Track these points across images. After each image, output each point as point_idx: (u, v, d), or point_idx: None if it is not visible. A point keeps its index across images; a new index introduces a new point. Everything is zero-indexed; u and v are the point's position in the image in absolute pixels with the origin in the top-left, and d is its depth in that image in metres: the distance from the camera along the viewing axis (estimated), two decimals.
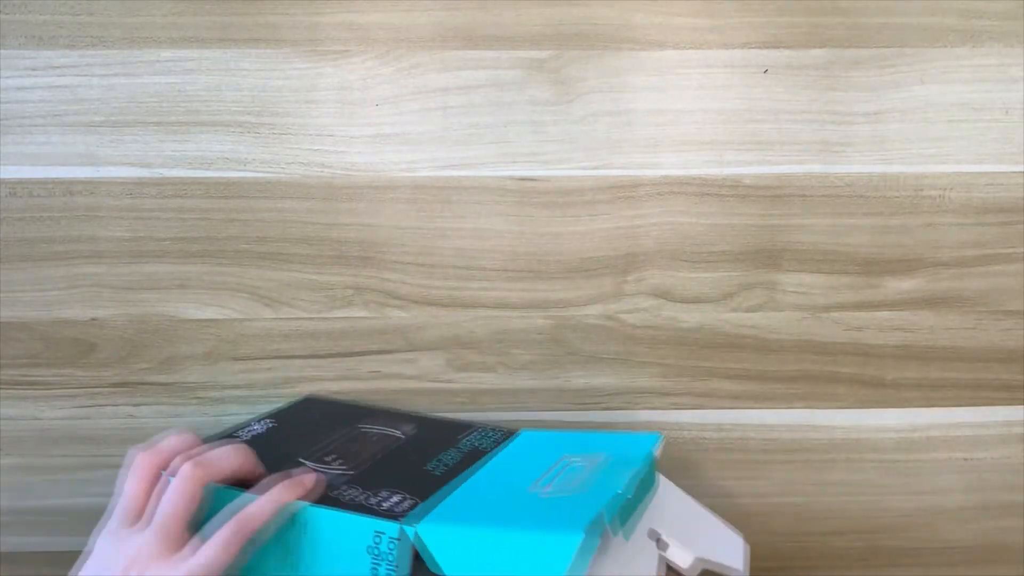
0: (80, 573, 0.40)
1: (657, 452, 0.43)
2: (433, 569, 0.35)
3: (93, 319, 0.51)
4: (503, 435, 0.45)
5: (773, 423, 0.54)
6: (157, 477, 0.40)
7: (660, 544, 0.42)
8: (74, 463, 0.53)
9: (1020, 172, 0.49)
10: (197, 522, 0.37)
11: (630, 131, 0.49)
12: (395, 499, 0.37)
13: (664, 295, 0.51)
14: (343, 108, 0.48)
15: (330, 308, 0.51)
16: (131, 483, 0.40)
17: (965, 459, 0.55)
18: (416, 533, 0.34)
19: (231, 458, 0.39)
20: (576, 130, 0.49)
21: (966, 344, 0.52)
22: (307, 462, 0.41)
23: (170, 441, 0.40)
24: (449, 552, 0.34)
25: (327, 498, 0.37)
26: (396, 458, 0.42)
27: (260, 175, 0.49)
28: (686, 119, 0.49)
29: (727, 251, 0.51)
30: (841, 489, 0.55)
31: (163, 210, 0.49)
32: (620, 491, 0.37)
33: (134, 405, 0.53)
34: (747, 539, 0.58)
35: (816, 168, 0.49)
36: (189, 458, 0.38)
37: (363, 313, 0.51)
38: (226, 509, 0.37)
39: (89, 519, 0.54)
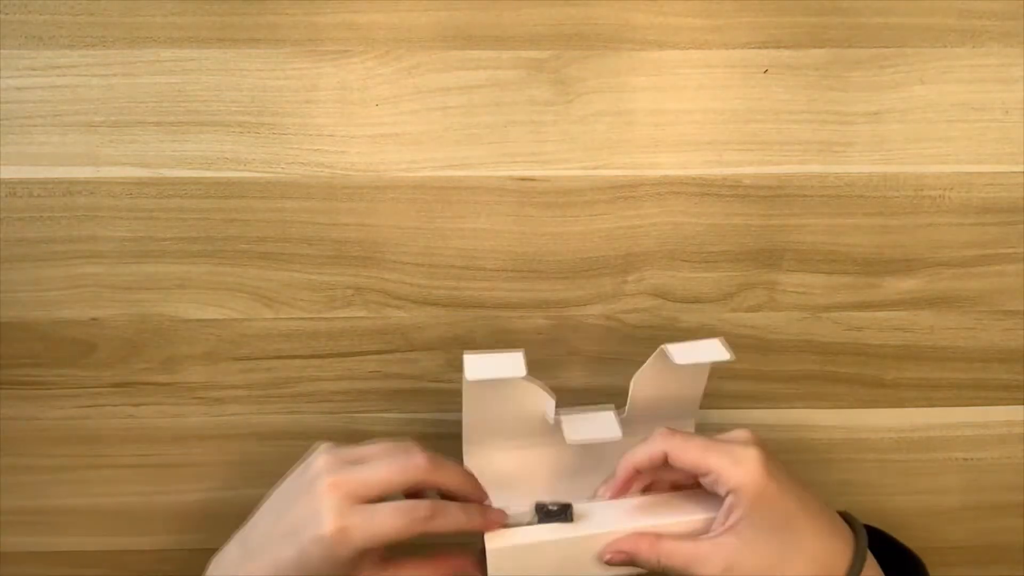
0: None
1: None
2: None
3: (93, 319, 0.51)
4: None
5: (773, 423, 0.54)
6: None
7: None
8: (74, 463, 0.54)
9: (1020, 172, 0.49)
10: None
11: (630, 131, 0.49)
12: None
13: (664, 295, 0.51)
14: (343, 108, 0.48)
15: (330, 308, 0.51)
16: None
17: (965, 459, 0.55)
18: None
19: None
20: (576, 130, 0.49)
21: (966, 344, 0.53)
22: None
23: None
24: None
25: None
26: None
27: (260, 175, 0.49)
28: (686, 119, 0.49)
29: (727, 251, 0.51)
30: (841, 489, 0.55)
31: (163, 210, 0.49)
32: None
33: (134, 405, 0.53)
34: None
35: (816, 168, 0.49)
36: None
37: (363, 313, 0.51)
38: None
39: (89, 519, 0.55)
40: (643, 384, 0.46)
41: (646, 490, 0.45)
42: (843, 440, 0.54)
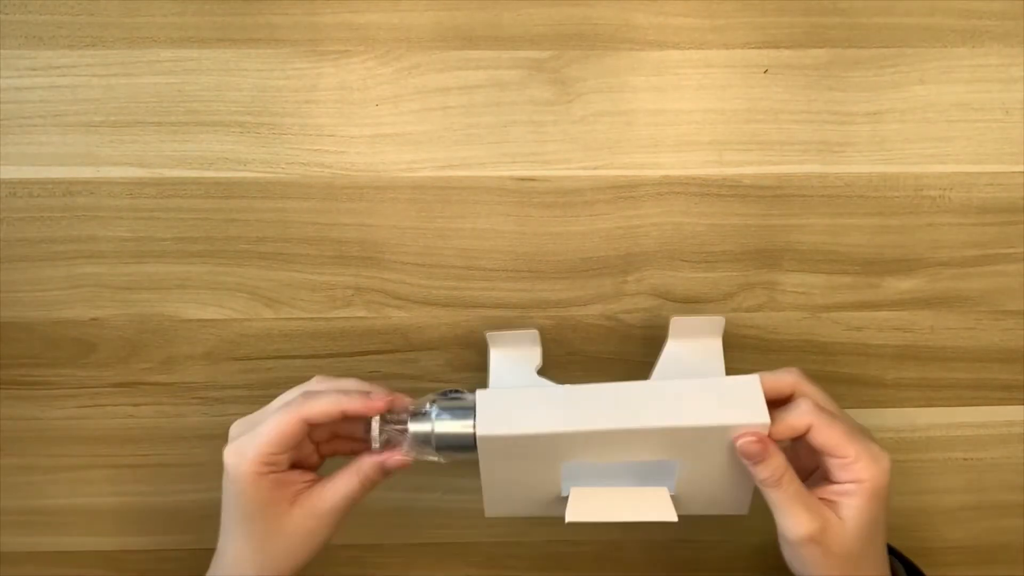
0: None
1: None
2: None
3: (93, 319, 0.51)
4: None
5: None
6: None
7: None
8: (74, 463, 0.54)
9: (1020, 172, 0.49)
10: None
11: (630, 131, 0.49)
12: None
13: (664, 295, 0.51)
14: (343, 108, 0.48)
15: (330, 308, 0.51)
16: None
17: (965, 459, 0.55)
18: None
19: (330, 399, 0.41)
20: (576, 130, 0.49)
21: (966, 344, 0.52)
22: None
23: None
24: None
25: None
26: None
27: (260, 175, 0.49)
28: (686, 119, 0.49)
29: (727, 251, 0.51)
30: None
31: (163, 210, 0.49)
32: None
33: (134, 405, 0.53)
34: (747, 538, 0.59)
35: (816, 168, 0.49)
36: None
37: (363, 313, 0.51)
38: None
39: (89, 519, 0.55)
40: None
41: None
42: None
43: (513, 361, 0.46)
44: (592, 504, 0.42)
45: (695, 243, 0.50)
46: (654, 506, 0.42)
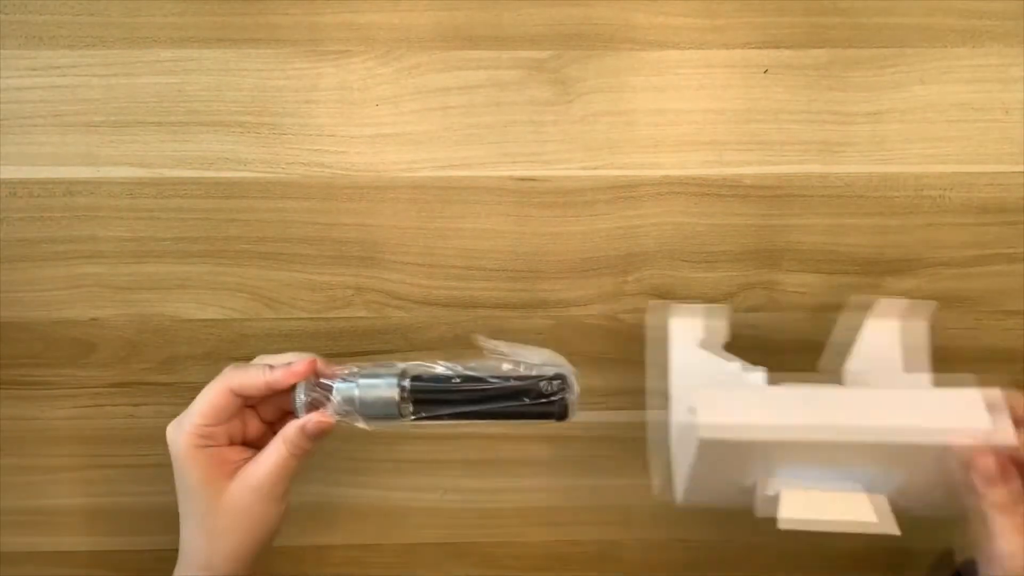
0: None
1: None
2: None
3: (93, 319, 0.51)
4: None
5: None
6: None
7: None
8: (74, 463, 0.54)
9: (1020, 172, 0.49)
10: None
11: (630, 131, 0.49)
12: None
13: (664, 295, 0.51)
14: (343, 108, 0.48)
15: (330, 308, 0.51)
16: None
17: None
18: None
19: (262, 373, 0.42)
20: (576, 130, 0.49)
21: (966, 344, 0.52)
22: None
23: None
24: None
25: None
26: None
27: (260, 175, 0.49)
28: (686, 119, 0.49)
29: (727, 251, 0.51)
30: None
31: (163, 210, 0.49)
32: None
33: (134, 405, 0.53)
34: (749, 539, 0.58)
35: (816, 168, 0.49)
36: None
37: (363, 313, 0.51)
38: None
39: (89, 519, 0.55)
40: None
41: None
42: None
43: (696, 338, 0.44)
44: (806, 509, 0.40)
45: (695, 243, 0.50)
46: (875, 517, 0.39)
